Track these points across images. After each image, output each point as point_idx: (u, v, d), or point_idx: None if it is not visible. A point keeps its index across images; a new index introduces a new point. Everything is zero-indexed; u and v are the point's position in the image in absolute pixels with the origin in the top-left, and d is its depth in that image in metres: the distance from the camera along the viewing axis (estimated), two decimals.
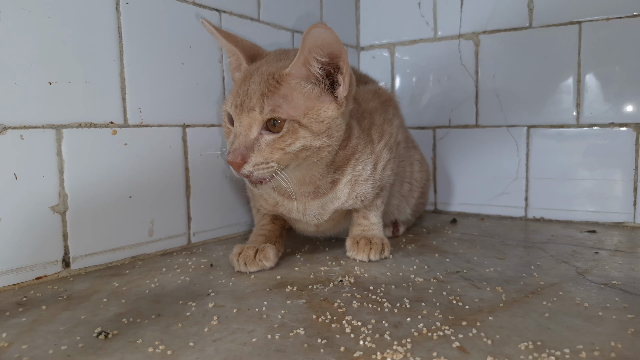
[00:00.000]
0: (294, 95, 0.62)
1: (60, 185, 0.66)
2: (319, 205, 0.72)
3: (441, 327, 0.48)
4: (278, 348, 0.45)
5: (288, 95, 0.61)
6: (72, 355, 0.44)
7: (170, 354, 0.44)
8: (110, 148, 0.71)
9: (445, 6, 1.12)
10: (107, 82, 0.71)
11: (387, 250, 0.75)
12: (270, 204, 0.74)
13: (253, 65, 0.67)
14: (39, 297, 0.59)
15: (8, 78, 0.61)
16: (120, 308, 0.55)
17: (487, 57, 1.08)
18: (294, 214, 0.73)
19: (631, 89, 0.95)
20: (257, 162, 0.60)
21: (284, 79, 0.62)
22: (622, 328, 0.48)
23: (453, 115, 1.13)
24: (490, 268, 0.69)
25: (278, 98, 0.61)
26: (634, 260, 0.72)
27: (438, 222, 1.04)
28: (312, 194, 0.71)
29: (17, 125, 0.62)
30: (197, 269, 0.70)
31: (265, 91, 0.61)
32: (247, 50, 0.70)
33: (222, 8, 0.87)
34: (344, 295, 0.58)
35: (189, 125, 0.82)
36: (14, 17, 0.61)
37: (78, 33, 0.67)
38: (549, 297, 0.57)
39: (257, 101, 0.61)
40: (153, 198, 0.77)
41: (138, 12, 0.74)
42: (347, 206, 0.74)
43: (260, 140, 0.61)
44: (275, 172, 0.62)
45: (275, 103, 0.61)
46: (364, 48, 1.25)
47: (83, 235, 0.69)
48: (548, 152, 1.03)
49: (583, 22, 0.97)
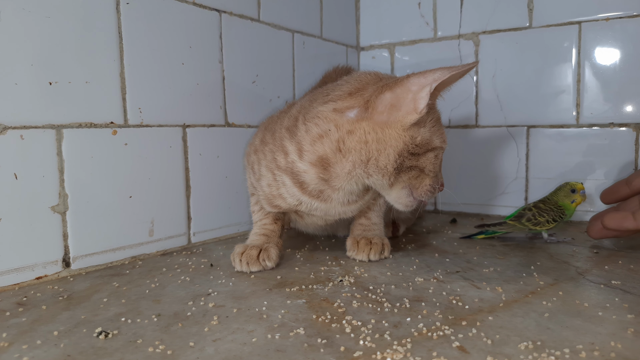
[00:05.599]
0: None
1: (60, 185, 0.66)
2: (346, 206, 0.71)
3: (441, 327, 0.48)
4: (278, 348, 0.45)
5: None
6: (72, 355, 0.44)
7: (170, 353, 0.44)
8: (111, 148, 0.71)
9: (445, 6, 1.12)
10: (107, 82, 0.71)
11: (387, 250, 0.75)
12: (290, 202, 0.70)
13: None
14: (39, 297, 0.59)
15: (8, 78, 0.61)
16: (120, 308, 0.55)
17: (487, 57, 1.08)
18: (317, 212, 0.71)
19: (631, 89, 0.95)
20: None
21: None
22: (622, 328, 0.48)
23: (453, 115, 1.13)
24: (490, 268, 0.69)
25: None
26: (633, 260, 0.72)
27: (438, 222, 1.04)
28: (349, 200, 0.70)
29: (17, 125, 0.62)
30: (197, 269, 0.70)
31: None
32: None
33: (222, 8, 0.87)
34: (344, 295, 0.58)
35: (189, 125, 0.82)
36: (14, 17, 0.61)
37: (78, 33, 0.67)
38: (548, 297, 0.57)
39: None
40: (153, 198, 0.77)
41: (138, 12, 0.74)
42: (364, 206, 0.75)
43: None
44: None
45: None
46: (364, 48, 1.25)
47: (83, 235, 0.69)
48: (548, 152, 1.03)
49: (583, 22, 0.97)
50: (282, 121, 0.71)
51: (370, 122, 0.62)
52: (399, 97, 0.61)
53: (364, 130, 0.62)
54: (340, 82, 0.67)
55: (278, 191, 0.70)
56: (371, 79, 0.65)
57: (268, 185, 0.71)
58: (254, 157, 0.74)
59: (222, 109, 0.88)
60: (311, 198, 0.68)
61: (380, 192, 0.68)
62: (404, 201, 0.66)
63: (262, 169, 0.72)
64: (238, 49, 0.90)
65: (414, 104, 0.60)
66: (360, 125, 0.62)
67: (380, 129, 0.61)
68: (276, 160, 0.68)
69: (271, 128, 0.73)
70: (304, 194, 0.68)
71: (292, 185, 0.68)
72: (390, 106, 0.61)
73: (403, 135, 0.61)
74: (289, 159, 0.67)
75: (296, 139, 0.66)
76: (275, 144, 0.69)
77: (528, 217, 0.82)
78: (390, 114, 0.61)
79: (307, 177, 0.66)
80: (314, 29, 1.10)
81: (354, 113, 0.62)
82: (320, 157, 0.64)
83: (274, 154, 0.69)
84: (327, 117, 0.63)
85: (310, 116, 0.65)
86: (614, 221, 0.73)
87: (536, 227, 0.82)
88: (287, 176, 0.68)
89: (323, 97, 0.66)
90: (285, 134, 0.68)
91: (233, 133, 0.90)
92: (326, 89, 0.68)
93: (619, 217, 0.73)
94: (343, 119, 0.63)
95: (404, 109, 0.61)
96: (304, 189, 0.67)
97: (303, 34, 1.06)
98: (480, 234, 0.88)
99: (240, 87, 0.91)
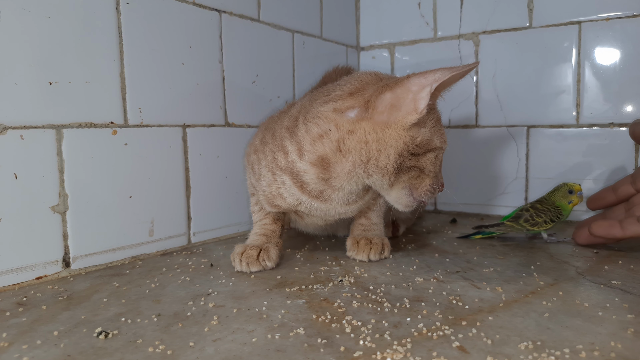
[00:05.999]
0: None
1: (60, 185, 0.66)
2: (346, 207, 0.71)
3: (441, 327, 0.48)
4: (278, 348, 0.45)
5: None
6: (72, 355, 0.44)
7: (170, 353, 0.44)
8: (111, 148, 0.71)
9: (445, 6, 1.12)
10: (107, 82, 0.71)
11: (387, 250, 0.75)
12: (289, 202, 0.70)
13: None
14: (39, 297, 0.59)
15: (8, 78, 0.61)
16: (120, 308, 0.55)
17: (487, 57, 1.08)
18: (316, 212, 0.71)
19: (631, 89, 0.95)
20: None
21: None
22: (622, 328, 0.48)
23: (453, 115, 1.13)
24: (490, 268, 0.69)
25: None
26: (633, 260, 0.72)
27: (438, 222, 1.04)
28: (349, 200, 0.70)
29: (17, 125, 0.62)
30: (197, 269, 0.70)
31: None
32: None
33: (222, 8, 0.87)
34: (344, 295, 0.58)
35: (189, 125, 0.82)
36: (14, 17, 0.61)
37: (78, 33, 0.67)
38: (548, 297, 0.57)
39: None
40: (153, 198, 0.77)
41: (138, 12, 0.74)
42: (364, 206, 0.75)
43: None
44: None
45: None
46: (364, 48, 1.25)
47: (83, 235, 0.69)
48: (548, 152, 1.03)
49: (583, 22, 0.97)
50: (282, 121, 0.71)
51: (370, 122, 0.62)
52: (400, 98, 0.61)
53: (364, 130, 0.62)
54: (340, 82, 0.67)
55: (278, 191, 0.70)
56: (371, 79, 0.65)
57: (268, 185, 0.71)
58: (254, 157, 0.74)
59: (222, 109, 0.88)
60: (311, 198, 0.68)
61: (380, 192, 0.68)
62: (404, 201, 0.66)
63: (262, 169, 0.72)
64: (238, 49, 0.90)
65: (415, 104, 0.60)
66: (361, 125, 0.62)
67: (381, 129, 0.61)
68: (276, 160, 0.68)
69: (271, 128, 0.73)
70: (303, 194, 0.68)
71: (292, 185, 0.68)
72: (390, 106, 0.61)
73: (403, 136, 0.61)
74: (289, 159, 0.67)
75: (296, 138, 0.66)
76: (275, 143, 0.69)
77: (525, 217, 0.82)
78: (390, 114, 0.61)
79: (307, 177, 0.66)
80: (314, 29, 1.10)
81: (354, 113, 0.62)
82: (320, 157, 0.64)
83: (274, 153, 0.69)
84: (328, 117, 0.63)
85: (310, 116, 0.65)
86: (602, 229, 0.74)
87: (534, 228, 0.82)
88: (287, 176, 0.68)
89: (323, 97, 0.66)
90: (285, 133, 0.68)
91: (233, 133, 0.90)
92: (326, 89, 0.68)
93: (606, 224, 0.74)
94: (343, 118, 0.63)
95: (405, 109, 0.61)
96: (304, 189, 0.67)
97: (303, 34, 1.06)
98: (477, 234, 0.88)
99: (240, 87, 0.91)
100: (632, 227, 0.71)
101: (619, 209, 0.80)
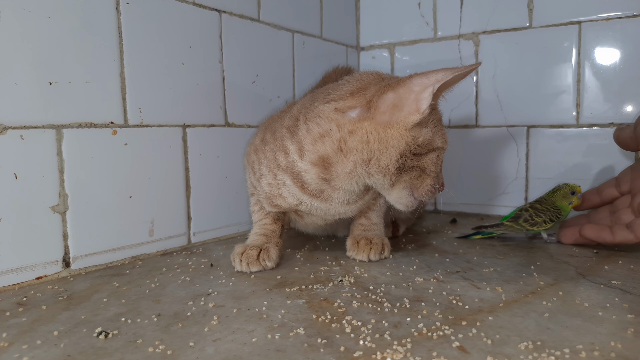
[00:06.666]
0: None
1: (60, 185, 0.66)
2: (346, 206, 0.71)
3: (441, 327, 0.48)
4: (278, 348, 0.45)
5: None
6: (72, 355, 0.44)
7: (170, 354, 0.44)
8: (111, 148, 0.71)
9: (445, 6, 1.12)
10: (107, 82, 0.71)
11: (387, 250, 0.75)
12: (290, 202, 0.70)
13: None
14: (39, 297, 0.59)
15: (8, 78, 0.61)
16: (120, 308, 0.55)
17: (487, 57, 1.08)
18: (317, 211, 0.71)
19: (631, 89, 0.95)
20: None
21: None
22: (622, 328, 0.48)
23: (453, 115, 1.13)
24: (490, 268, 0.69)
25: None
26: (633, 260, 0.72)
27: (438, 222, 1.04)
28: (350, 200, 0.70)
29: (17, 125, 0.62)
30: (197, 269, 0.70)
31: None
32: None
33: (222, 8, 0.87)
34: (344, 295, 0.58)
35: (189, 125, 0.82)
36: (14, 17, 0.61)
37: (78, 33, 0.67)
38: (548, 297, 0.57)
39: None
40: (153, 198, 0.77)
41: (138, 12, 0.74)
42: (365, 206, 0.75)
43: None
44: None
45: None
46: (364, 48, 1.25)
47: (83, 235, 0.69)
48: (548, 152, 1.03)
49: (583, 22, 0.97)
50: (282, 121, 0.71)
51: (372, 122, 0.62)
52: (402, 98, 0.61)
53: (366, 130, 0.62)
54: (341, 82, 0.67)
55: (278, 191, 0.70)
56: (373, 78, 0.65)
57: (268, 185, 0.71)
58: (254, 156, 0.74)
59: (222, 109, 0.88)
60: (311, 198, 0.68)
61: (380, 192, 0.68)
62: (405, 201, 0.66)
63: (262, 169, 0.72)
64: (238, 49, 0.90)
65: (417, 105, 0.60)
66: (362, 125, 0.62)
67: (382, 129, 0.61)
68: (277, 159, 0.68)
69: (272, 128, 0.73)
70: (304, 194, 0.68)
71: (293, 184, 0.68)
72: (392, 106, 0.61)
73: (405, 136, 0.61)
74: (289, 159, 0.67)
75: (297, 138, 0.66)
76: (275, 143, 0.69)
77: (525, 217, 0.82)
78: (392, 114, 0.61)
79: (308, 177, 0.66)
80: (314, 29, 1.10)
81: (355, 113, 0.62)
82: (321, 157, 0.64)
83: (275, 153, 0.69)
84: (329, 116, 0.63)
85: (311, 116, 0.65)
86: (593, 232, 0.76)
87: (533, 228, 0.82)
88: (288, 176, 0.68)
89: (324, 96, 0.66)
90: (286, 133, 0.68)
91: (233, 133, 0.90)
92: (327, 88, 0.68)
93: (597, 229, 0.76)
94: (345, 118, 0.63)
95: (407, 109, 0.61)
96: (305, 189, 0.67)
97: (303, 34, 1.06)
98: (476, 234, 0.88)
99: (240, 87, 0.91)
100: (622, 233, 0.73)
101: (604, 211, 0.82)
